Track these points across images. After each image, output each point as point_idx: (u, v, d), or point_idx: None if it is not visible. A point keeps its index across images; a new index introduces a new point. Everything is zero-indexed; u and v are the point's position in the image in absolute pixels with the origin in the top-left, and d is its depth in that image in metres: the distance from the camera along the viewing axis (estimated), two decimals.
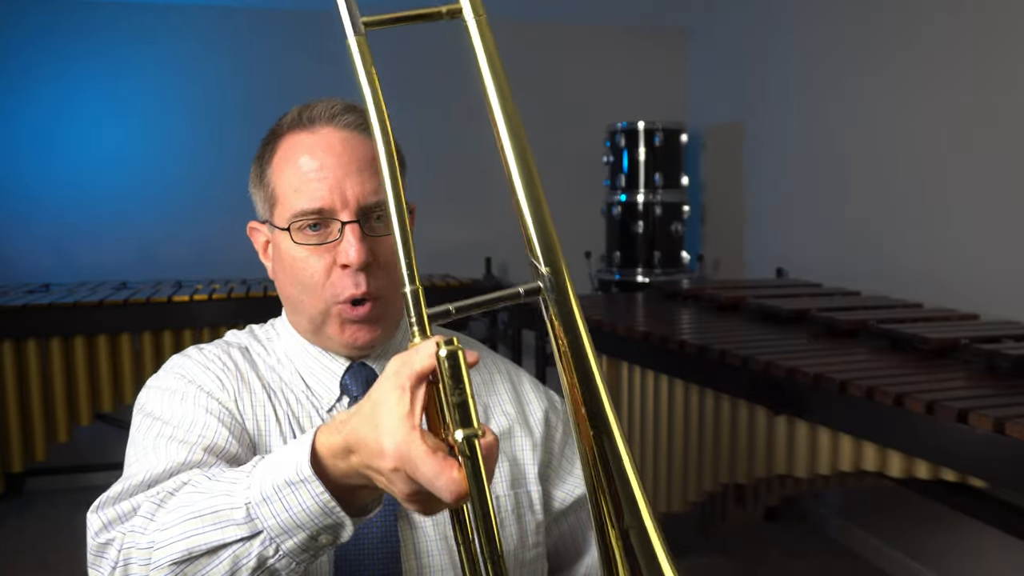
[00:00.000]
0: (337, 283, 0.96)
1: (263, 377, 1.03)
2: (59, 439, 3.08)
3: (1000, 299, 2.41)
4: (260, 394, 1.00)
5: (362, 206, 0.95)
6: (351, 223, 0.95)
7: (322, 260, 0.96)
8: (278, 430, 0.99)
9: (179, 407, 0.96)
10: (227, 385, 0.99)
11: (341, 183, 0.95)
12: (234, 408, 0.98)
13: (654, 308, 2.84)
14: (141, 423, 0.97)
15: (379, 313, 0.99)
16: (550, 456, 1.10)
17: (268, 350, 1.07)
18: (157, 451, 0.91)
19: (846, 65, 3.11)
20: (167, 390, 0.98)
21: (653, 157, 3.62)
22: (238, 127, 3.76)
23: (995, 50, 2.47)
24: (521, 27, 4.07)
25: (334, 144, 0.97)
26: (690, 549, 2.93)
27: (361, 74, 0.70)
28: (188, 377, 0.99)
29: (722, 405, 2.08)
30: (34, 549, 3.05)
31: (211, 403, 0.96)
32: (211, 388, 0.98)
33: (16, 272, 3.59)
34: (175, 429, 0.93)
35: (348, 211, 0.95)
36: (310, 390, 1.03)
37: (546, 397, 1.15)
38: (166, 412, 0.95)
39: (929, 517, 2.63)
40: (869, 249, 2.99)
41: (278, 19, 3.78)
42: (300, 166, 0.96)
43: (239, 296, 3.16)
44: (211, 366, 1.01)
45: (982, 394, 1.58)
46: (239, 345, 1.07)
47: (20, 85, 3.58)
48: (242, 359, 1.04)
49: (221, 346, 1.06)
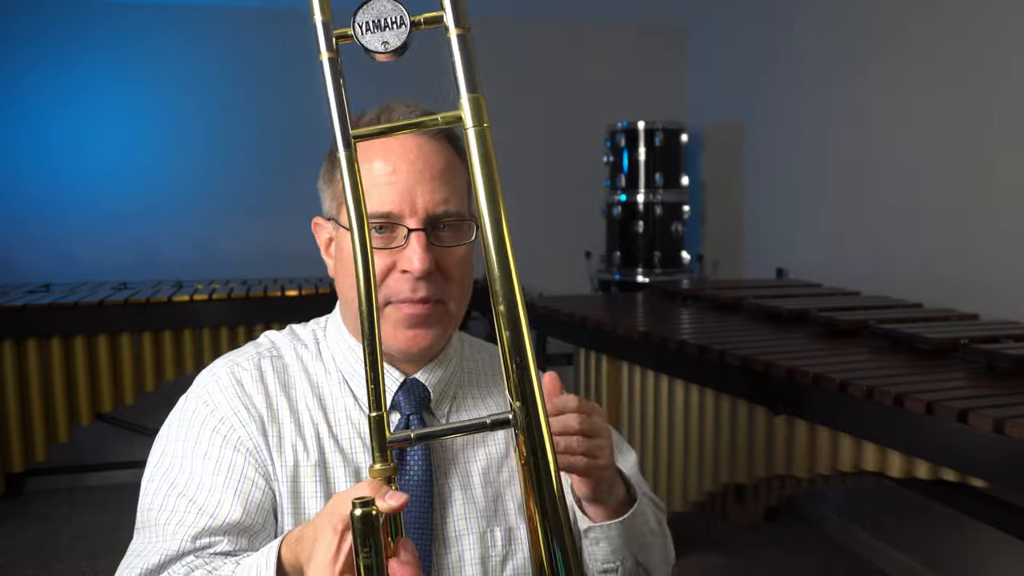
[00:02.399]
0: (393, 285, 0.95)
1: (295, 397, 1.01)
2: (59, 439, 3.08)
3: (1000, 299, 2.40)
4: (288, 423, 0.99)
5: (431, 215, 0.95)
6: (418, 231, 0.94)
7: (383, 261, 0.95)
8: (307, 460, 0.98)
9: (202, 470, 0.95)
10: (254, 415, 0.98)
11: (412, 189, 0.94)
12: (261, 443, 0.97)
13: (654, 308, 2.84)
14: (155, 480, 0.97)
15: (437, 317, 0.98)
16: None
17: (315, 354, 1.05)
18: (157, 532, 0.93)
19: (846, 65, 3.11)
20: (191, 444, 0.97)
21: (653, 157, 3.62)
22: (239, 127, 3.77)
23: (995, 50, 2.47)
24: (521, 27, 4.07)
25: (409, 149, 0.96)
26: (690, 549, 2.93)
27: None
28: (211, 407, 0.98)
29: (722, 405, 2.08)
30: (34, 549, 3.05)
31: (234, 455, 0.96)
32: (235, 423, 0.97)
33: (16, 272, 3.59)
34: (188, 504, 0.93)
35: (416, 218, 0.94)
36: (359, 403, 1.02)
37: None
38: (186, 475, 0.96)
39: (929, 517, 2.63)
40: (869, 249, 2.99)
41: (280, 19, 3.78)
42: (373, 168, 0.95)
43: (239, 296, 3.16)
44: (240, 392, 0.99)
45: (982, 394, 1.58)
46: (272, 353, 1.05)
47: (19, 85, 3.58)
48: (273, 376, 1.02)
49: (252, 358, 1.03)
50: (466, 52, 0.70)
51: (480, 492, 1.02)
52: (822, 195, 3.27)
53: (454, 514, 1.00)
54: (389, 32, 0.70)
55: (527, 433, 0.68)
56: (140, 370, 3.10)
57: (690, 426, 2.22)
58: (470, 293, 1.04)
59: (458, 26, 0.70)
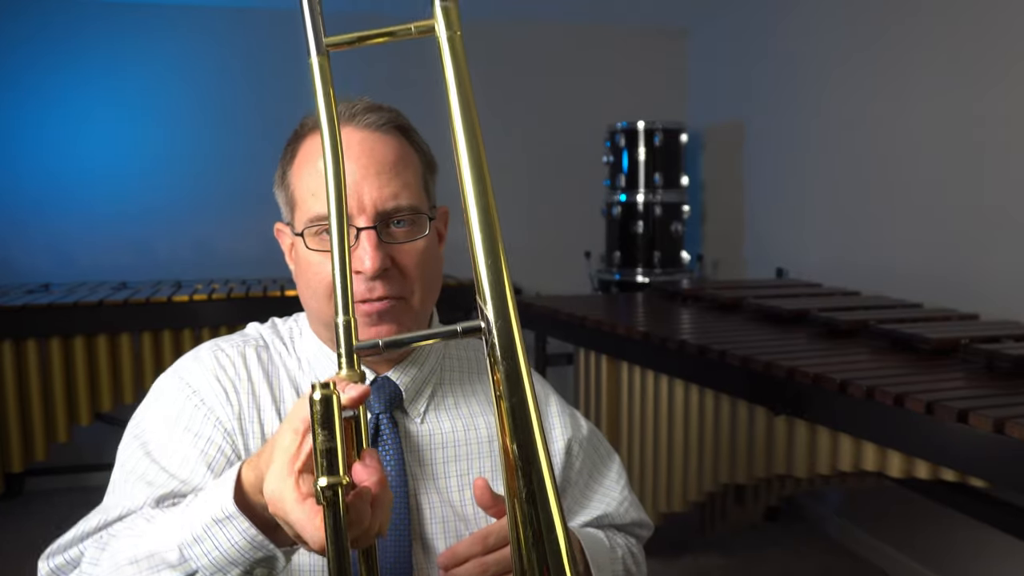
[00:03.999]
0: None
1: (277, 387, 0.99)
2: (59, 439, 3.08)
3: (1000, 299, 2.40)
4: (270, 411, 0.97)
5: (380, 211, 0.91)
6: (367, 229, 0.90)
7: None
8: None
9: (174, 437, 0.93)
10: (233, 400, 0.96)
11: (358, 187, 0.90)
12: (236, 428, 0.95)
13: (654, 308, 2.84)
14: (130, 445, 0.96)
15: (397, 312, 0.94)
16: (567, 484, 1.09)
17: (290, 350, 1.03)
18: (124, 490, 0.91)
19: (846, 65, 3.11)
20: (168, 413, 0.96)
21: (653, 157, 3.62)
22: (238, 127, 3.77)
23: (995, 49, 2.47)
24: (521, 27, 4.07)
25: (352, 146, 0.91)
26: (690, 549, 2.93)
27: (320, 95, 0.69)
28: (193, 387, 0.96)
29: (722, 405, 2.08)
30: (34, 549, 3.03)
31: (212, 431, 0.94)
32: (214, 404, 0.95)
33: (16, 272, 3.59)
34: (159, 471, 0.91)
35: (365, 216, 0.90)
36: None
37: (571, 424, 1.11)
38: (158, 441, 0.94)
39: (929, 517, 2.63)
40: (869, 249, 2.99)
41: (280, 19, 3.78)
42: (318, 169, 0.92)
43: (239, 296, 3.16)
44: (221, 377, 0.97)
45: (982, 394, 1.58)
46: (258, 343, 1.03)
47: (18, 84, 3.58)
48: (257, 364, 1.00)
49: (238, 346, 1.01)
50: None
51: (457, 496, 0.99)
52: (822, 195, 3.27)
53: (431, 517, 0.97)
54: None
55: (500, 340, 0.63)
56: (139, 370, 3.10)
57: (690, 426, 2.22)
58: (437, 286, 1.00)
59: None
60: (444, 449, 1.00)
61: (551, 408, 1.10)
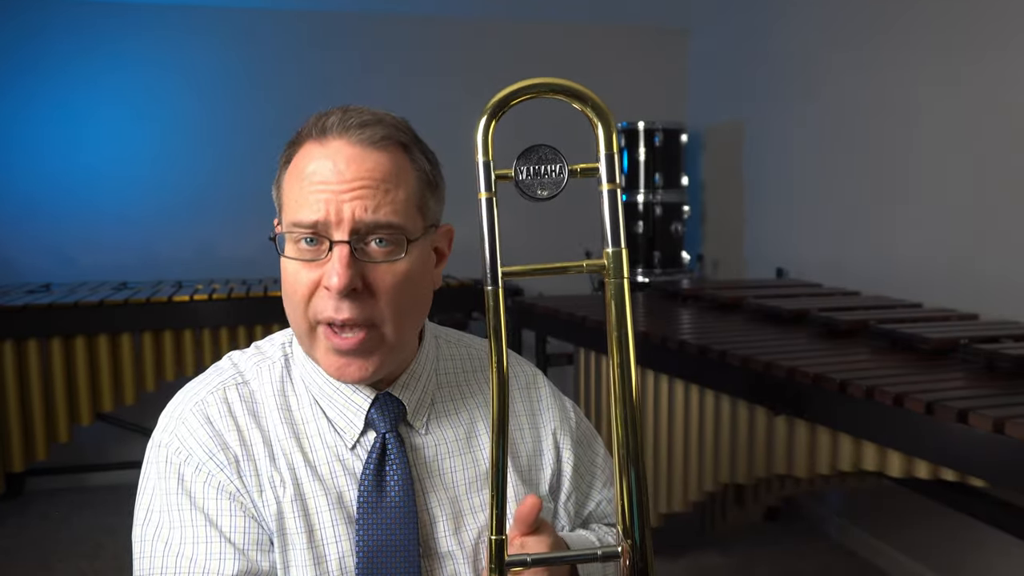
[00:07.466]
0: (318, 303, 0.89)
1: (268, 427, 0.96)
2: (60, 439, 3.08)
3: (1000, 299, 2.41)
4: (263, 461, 0.94)
5: (356, 226, 0.88)
6: (341, 243, 0.87)
7: (311, 275, 0.89)
8: (284, 495, 0.93)
9: (188, 519, 0.91)
10: (230, 456, 0.93)
11: (339, 199, 0.88)
12: (241, 488, 0.92)
13: (654, 308, 2.84)
14: (144, 535, 0.92)
15: (372, 344, 0.91)
16: (564, 479, 1.11)
17: (281, 374, 1.00)
18: None
19: (846, 65, 3.11)
20: (172, 494, 0.92)
21: (653, 157, 3.62)
22: (239, 127, 3.77)
23: (995, 49, 2.47)
24: (521, 27, 4.07)
25: (342, 157, 0.89)
26: (690, 549, 2.93)
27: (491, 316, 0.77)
28: (192, 461, 0.93)
29: (722, 405, 2.08)
30: (34, 549, 3.05)
31: (219, 500, 0.91)
32: (212, 469, 0.92)
33: (16, 272, 3.59)
34: (191, 562, 0.89)
35: (341, 230, 0.88)
36: (332, 424, 0.97)
37: (558, 411, 1.12)
38: (174, 526, 0.91)
39: (929, 517, 2.63)
40: (869, 249, 2.99)
41: (280, 19, 3.78)
42: (305, 177, 0.90)
43: (239, 296, 3.16)
44: (214, 437, 0.93)
45: (982, 394, 1.58)
46: (238, 381, 0.98)
47: (17, 83, 3.58)
48: (242, 408, 0.96)
49: (218, 392, 0.97)
50: (614, 207, 0.78)
51: (466, 504, 0.99)
52: (822, 195, 3.27)
53: (442, 530, 0.97)
54: (547, 179, 0.81)
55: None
56: (140, 370, 3.10)
57: (690, 426, 2.22)
58: (416, 315, 0.96)
59: (609, 182, 0.78)
60: (451, 456, 1.01)
61: (542, 392, 1.13)
